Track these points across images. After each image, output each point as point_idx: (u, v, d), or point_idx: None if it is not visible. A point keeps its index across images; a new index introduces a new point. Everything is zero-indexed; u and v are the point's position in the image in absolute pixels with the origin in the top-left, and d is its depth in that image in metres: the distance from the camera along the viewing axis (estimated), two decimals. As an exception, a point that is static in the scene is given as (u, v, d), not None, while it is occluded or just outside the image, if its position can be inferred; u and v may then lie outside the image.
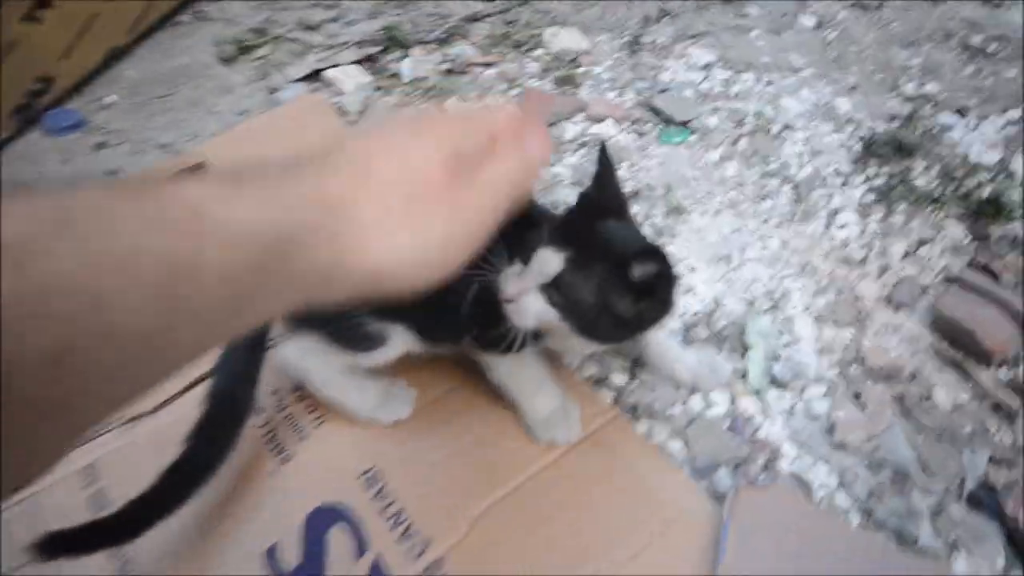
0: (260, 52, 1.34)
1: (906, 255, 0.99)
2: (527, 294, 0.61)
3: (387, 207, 0.36)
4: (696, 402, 0.82)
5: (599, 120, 1.20)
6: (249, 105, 1.24)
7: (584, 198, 0.66)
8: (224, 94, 1.26)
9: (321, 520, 0.75)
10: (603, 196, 0.65)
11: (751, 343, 0.87)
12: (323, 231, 0.34)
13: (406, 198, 0.37)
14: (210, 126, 1.20)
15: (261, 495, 0.77)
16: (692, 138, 1.18)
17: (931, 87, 1.24)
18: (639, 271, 0.59)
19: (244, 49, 1.34)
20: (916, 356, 0.88)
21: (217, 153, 1.06)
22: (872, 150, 1.12)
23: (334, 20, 1.43)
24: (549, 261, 0.60)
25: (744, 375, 0.85)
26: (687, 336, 0.89)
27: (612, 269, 0.60)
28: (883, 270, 0.97)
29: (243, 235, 0.30)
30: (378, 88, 1.27)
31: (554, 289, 0.60)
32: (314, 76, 1.28)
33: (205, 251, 0.28)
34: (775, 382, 0.84)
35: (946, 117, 1.17)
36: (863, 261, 0.98)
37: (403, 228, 0.37)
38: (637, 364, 0.85)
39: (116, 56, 1.31)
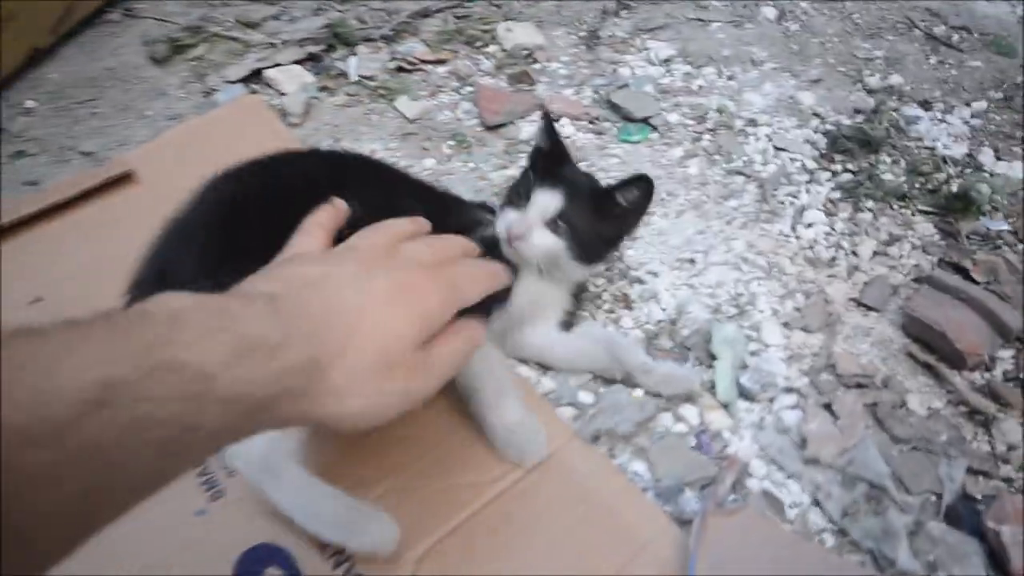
0: (195, 52, 1.25)
1: (875, 255, 0.95)
2: (534, 229, 0.72)
3: (354, 377, 0.41)
4: (664, 419, 0.77)
5: (556, 118, 1.14)
6: (183, 109, 1.16)
7: (538, 151, 0.81)
8: (156, 97, 1.18)
9: (255, 560, 0.68)
10: (555, 148, 0.79)
11: (717, 353, 0.82)
12: (296, 394, 0.39)
13: (373, 370, 0.42)
14: (140, 132, 1.12)
15: (189, 535, 0.70)
16: (653, 136, 1.13)
17: (895, 79, 1.21)
18: (627, 197, 0.76)
19: (178, 49, 1.25)
20: (888, 361, 0.84)
21: (147, 160, 0.98)
22: (837, 145, 1.08)
23: (276, 17, 1.35)
24: (549, 200, 0.73)
25: (712, 387, 0.80)
26: (651, 346, 0.84)
27: (600, 199, 0.76)
28: (852, 270, 0.93)
29: (235, 403, 0.35)
30: (323, 88, 1.20)
31: (556, 222, 0.73)
32: (254, 77, 1.21)
33: (204, 417, 0.33)
34: (743, 394, 0.79)
35: (911, 110, 1.14)
36: (831, 262, 0.94)
37: (363, 395, 0.42)
38: (598, 380, 0.80)
39: (37, 58, 1.21)
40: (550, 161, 0.78)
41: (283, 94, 1.18)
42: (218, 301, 0.38)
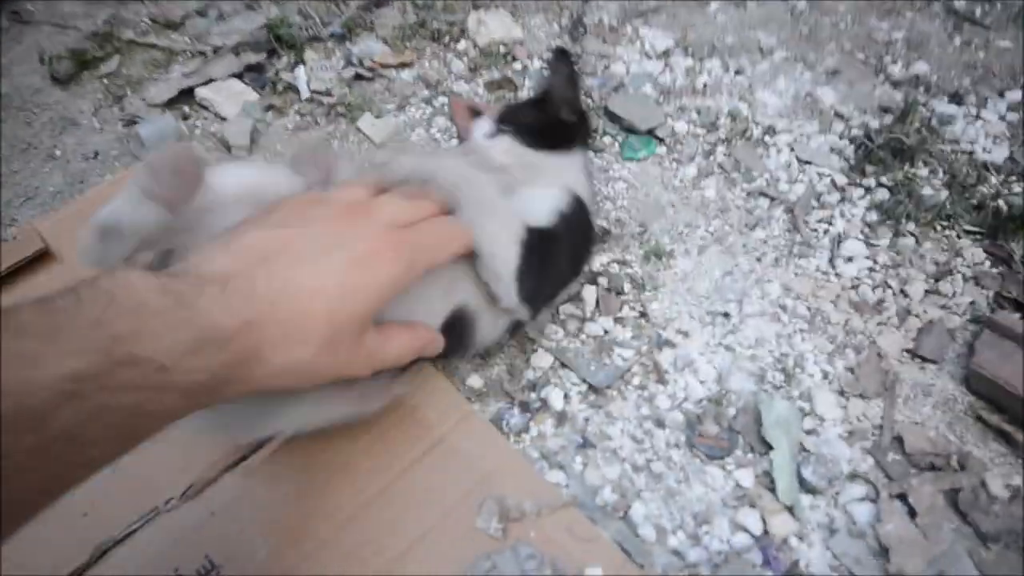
0: (106, 66, 1.04)
1: (927, 293, 0.84)
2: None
3: (295, 361, 0.45)
4: (720, 527, 0.66)
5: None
6: (101, 144, 0.96)
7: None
8: (65, 130, 0.97)
9: None
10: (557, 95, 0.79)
11: (772, 439, 0.71)
12: (239, 379, 0.42)
13: (316, 350, 0.45)
14: (53, 179, 0.92)
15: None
16: (660, 150, 0.98)
17: (920, 67, 1.08)
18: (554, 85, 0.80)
19: (84, 63, 1.03)
20: (955, 426, 0.74)
21: (60, 232, 0.80)
22: (869, 155, 0.96)
23: (201, 14, 1.13)
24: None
25: (770, 483, 0.69)
26: (694, 434, 0.72)
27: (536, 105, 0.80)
28: (904, 315, 0.82)
29: (192, 388, 0.39)
30: (269, 108, 1.01)
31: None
32: (183, 97, 1.01)
33: (164, 404, 0.39)
34: (806, 487, 0.69)
35: (942, 105, 1.02)
36: (879, 305, 0.83)
37: (298, 372, 0.46)
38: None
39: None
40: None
41: (222, 118, 0.99)
42: (176, 283, 0.40)
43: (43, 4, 1.12)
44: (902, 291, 0.84)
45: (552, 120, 0.76)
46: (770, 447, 0.70)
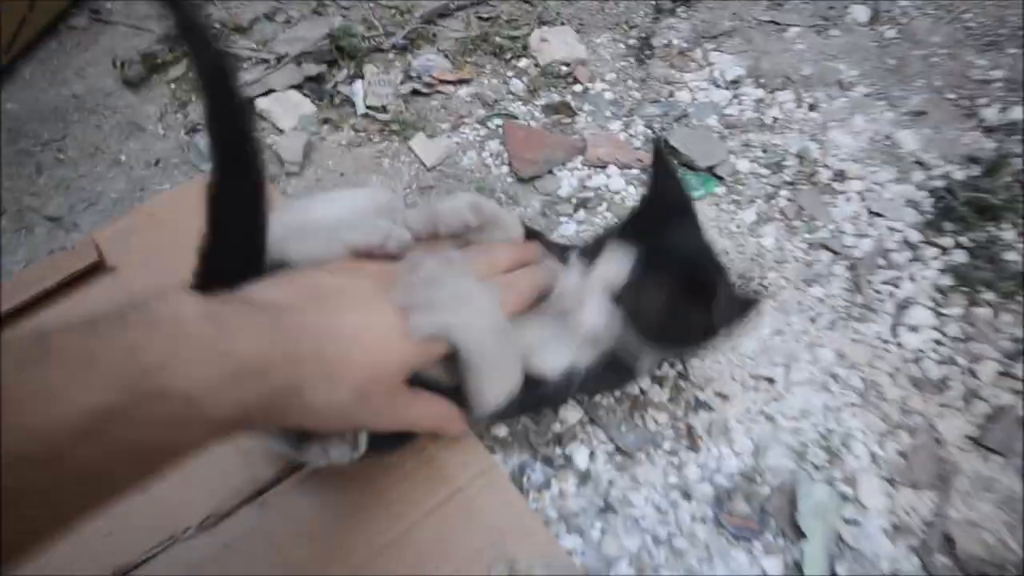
0: (175, 70, 1.06)
1: (999, 375, 0.77)
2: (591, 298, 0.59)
3: (329, 403, 0.45)
4: (734, 620, 0.63)
5: (602, 165, 0.95)
6: (164, 151, 0.98)
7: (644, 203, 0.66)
8: (131, 135, 0.99)
9: None
10: (664, 198, 0.63)
11: (806, 528, 0.66)
12: (274, 412, 0.42)
13: (350, 398, 0.46)
14: (116, 185, 0.94)
15: None
16: (719, 190, 0.93)
17: (1017, 112, 0.99)
18: (720, 312, 0.58)
19: (154, 67, 1.06)
20: (1017, 531, 0.68)
21: (118, 242, 0.82)
22: (949, 211, 0.88)
23: (269, 18, 1.14)
24: (618, 265, 0.59)
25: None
26: (721, 511, 0.68)
27: (686, 288, 0.58)
28: (969, 397, 0.76)
29: (222, 420, 0.39)
30: (325, 121, 1.01)
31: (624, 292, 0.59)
32: (243, 106, 1.01)
33: (190, 439, 0.38)
34: (838, 583, 0.65)
35: (1041, 159, 0.93)
36: (943, 384, 0.77)
37: (330, 417, 0.47)
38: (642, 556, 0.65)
39: (-10, 82, 1.04)
40: (651, 212, 0.64)
41: (280, 130, 0.99)
42: (226, 311, 0.40)
43: (121, 3, 1.15)
44: (970, 370, 0.77)
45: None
46: (803, 535, 0.66)
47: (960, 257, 0.85)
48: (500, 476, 0.69)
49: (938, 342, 0.79)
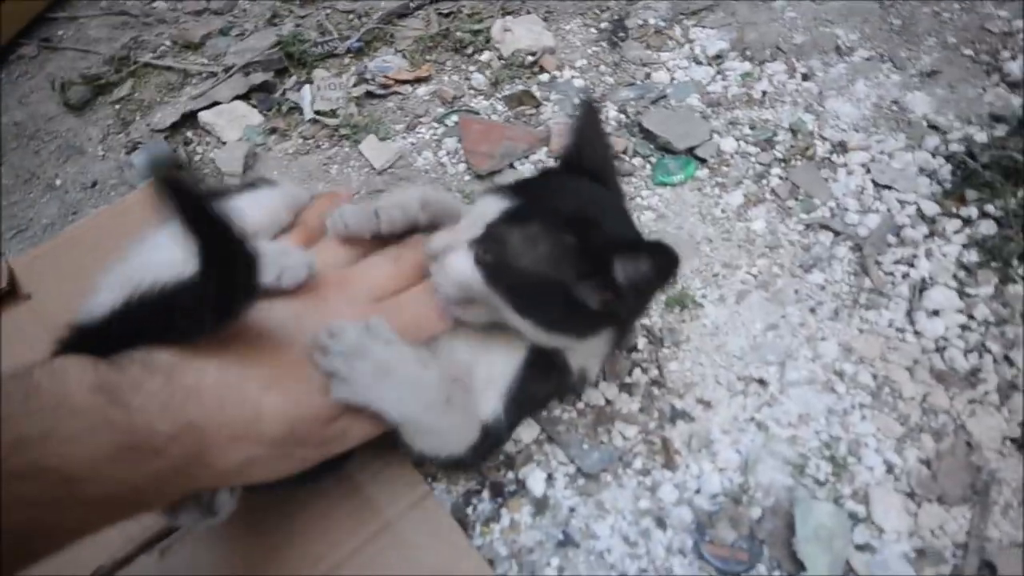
0: (120, 91, 1.01)
1: (1042, 362, 0.64)
2: (454, 251, 0.49)
3: (249, 463, 0.40)
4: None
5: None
6: (101, 173, 0.92)
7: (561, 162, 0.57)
8: (70, 158, 0.94)
9: None
10: (583, 156, 0.54)
11: (805, 557, 0.54)
12: (177, 485, 0.39)
13: (272, 451, 0.41)
14: (48, 210, 0.89)
15: None
16: (701, 173, 0.83)
17: (1047, 63, 0.86)
18: (627, 270, 0.46)
19: (99, 89, 1.01)
20: (1077, 553, 0.54)
21: (33, 270, 0.76)
22: (971, 177, 0.76)
23: (223, 32, 1.09)
24: (491, 210, 0.49)
25: (797, 618, 0.52)
26: (703, 540, 0.56)
27: (581, 249, 0.47)
28: (1007, 390, 0.62)
29: (102, 504, 0.35)
30: (272, 130, 0.94)
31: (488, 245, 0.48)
32: (187, 121, 0.95)
33: (65, 518, 0.34)
34: (849, 626, 0.52)
35: (1077, 112, 0.80)
36: (973, 376, 0.64)
37: (256, 474, 0.42)
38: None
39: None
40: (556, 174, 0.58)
41: (223, 143, 0.93)
42: (116, 378, 0.36)
43: (73, 29, 1.11)
44: (1006, 357, 0.64)
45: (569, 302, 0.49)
46: (803, 566, 0.54)
47: (987, 228, 0.73)
48: (437, 508, 0.59)
49: (965, 327, 0.67)
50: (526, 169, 0.85)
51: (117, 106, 1.00)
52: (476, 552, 0.57)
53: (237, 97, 0.97)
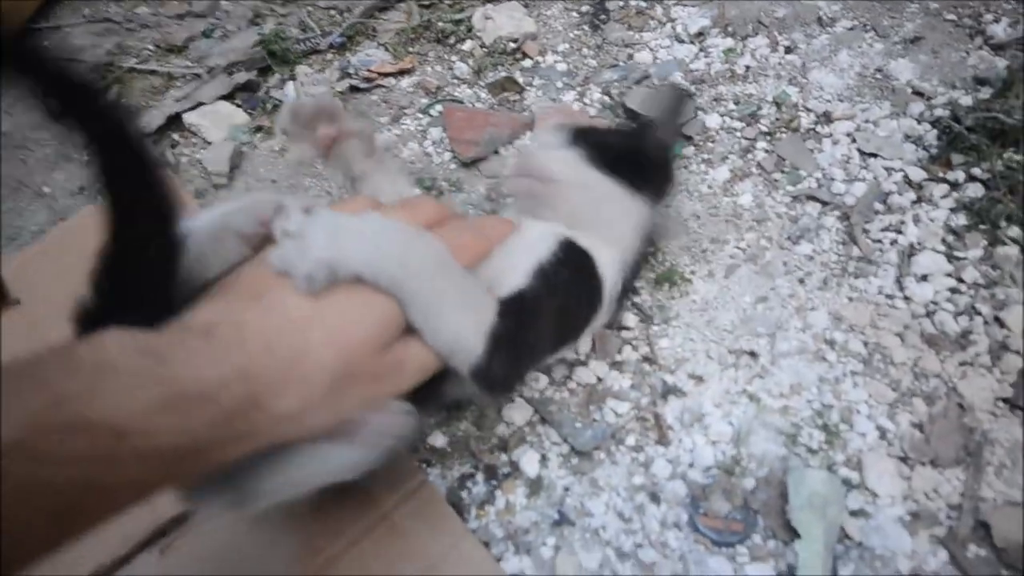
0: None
1: (1033, 321, 0.63)
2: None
3: (308, 402, 0.38)
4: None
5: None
6: (88, 178, 0.92)
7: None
8: (56, 166, 0.95)
9: None
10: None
11: (799, 525, 0.54)
12: (236, 436, 0.36)
13: (328, 389, 0.39)
14: (37, 218, 0.89)
15: None
16: (687, 151, 0.82)
17: (1030, 23, 0.85)
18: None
19: (86, 96, 1.01)
20: (1073, 509, 0.54)
21: (22, 275, 0.76)
22: (956, 140, 0.75)
23: (206, 35, 1.09)
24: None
25: (793, 584, 0.52)
26: (697, 512, 0.56)
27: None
28: (999, 351, 0.62)
29: (158, 458, 0.33)
30: (257, 129, 0.94)
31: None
32: (173, 124, 0.96)
33: (120, 474, 0.32)
34: (845, 591, 0.52)
35: (1062, 71, 0.79)
36: (964, 338, 0.64)
37: (321, 414, 0.39)
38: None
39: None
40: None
41: (208, 143, 0.93)
42: (153, 341, 0.35)
43: (57, 39, 1.11)
44: (997, 319, 0.64)
45: (637, 151, 0.61)
46: (797, 534, 0.54)
47: (974, 191, 0.72)
48: (433, 494, 0.59)
49: (954, 291, 0.67)
50: (511, 155, 0.85)
51: (103, 112, 1.00)
52: (472, 535, 0.57)
53: (221, 97, 0.97)
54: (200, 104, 0.96)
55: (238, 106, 0.97)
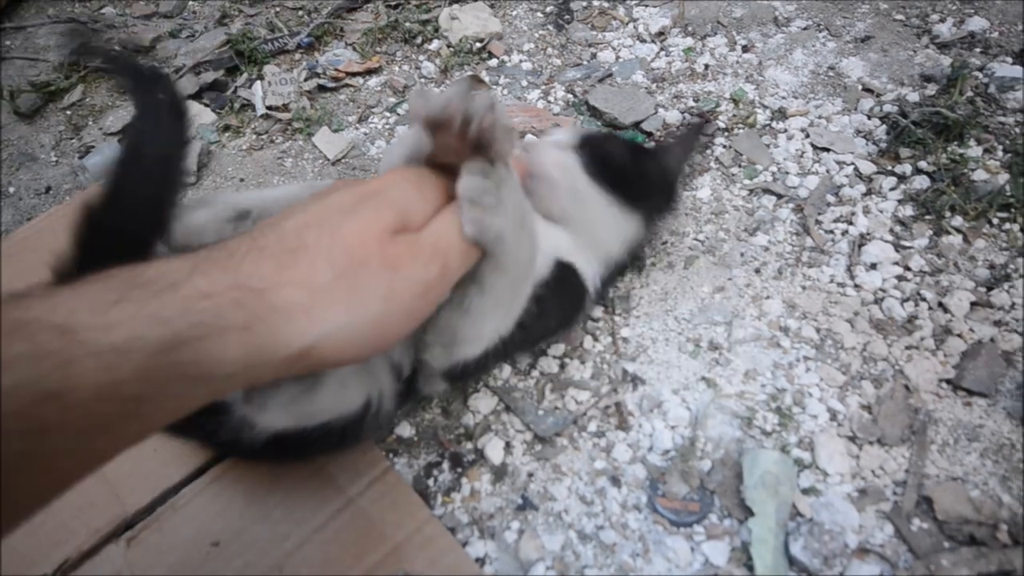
0: (71, 96, 1.01)
1: (974, 306, 0.66)
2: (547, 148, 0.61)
3: (316, 286, 0.36)
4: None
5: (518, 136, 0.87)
6: (55, 178, 0.92)
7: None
8: (23, 165, 0.94)
9: None
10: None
11: (753, 503, 0.56)
12: (230, 327, 0.33)
13: (338, 274, 0.37)
14: (3, 217, 0.89)
15: None
16: (648, 145, 0.84)
17: (975, 23, 0.89)
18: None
19: (50, 96, 1.01)
20: (1012, 483, 0.57)
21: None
22: (903, 135, 0.78)
23: (173, 35, 1.09)
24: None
25: (747, 560, 0.54)
26: (656, 493, 0.58)
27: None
28: (942, 334, 0.65)
29: (118, 351, 0.30)
30: (225, 128, 0.94)
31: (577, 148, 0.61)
32: (139, 123, 0.95)
33: (74, 375, 0.28)
34: (795, 565, 0.54)
35: (1004, 68, 0.83)
36: (910, 323, 0.66)
37: (335, 304, 0.37)
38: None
39: None
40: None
41: (176, 143, 0.93)
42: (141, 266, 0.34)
43: (20, 39, 1.10)
44: (941, 304, 0.67)
45: (637, 170, 0.64)
46: (751, 512, 0.56)
47: (920, 183, 0.75)
48: (398, 481, 0.60)
49: (901, 278, 0.69)
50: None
51: (68, 112, 1.00)
52: (437, 521, 0.58)
53: (189, 97, 0.97)
54: (167, 104, 0.96)
55: (206, 105, 0.97)
